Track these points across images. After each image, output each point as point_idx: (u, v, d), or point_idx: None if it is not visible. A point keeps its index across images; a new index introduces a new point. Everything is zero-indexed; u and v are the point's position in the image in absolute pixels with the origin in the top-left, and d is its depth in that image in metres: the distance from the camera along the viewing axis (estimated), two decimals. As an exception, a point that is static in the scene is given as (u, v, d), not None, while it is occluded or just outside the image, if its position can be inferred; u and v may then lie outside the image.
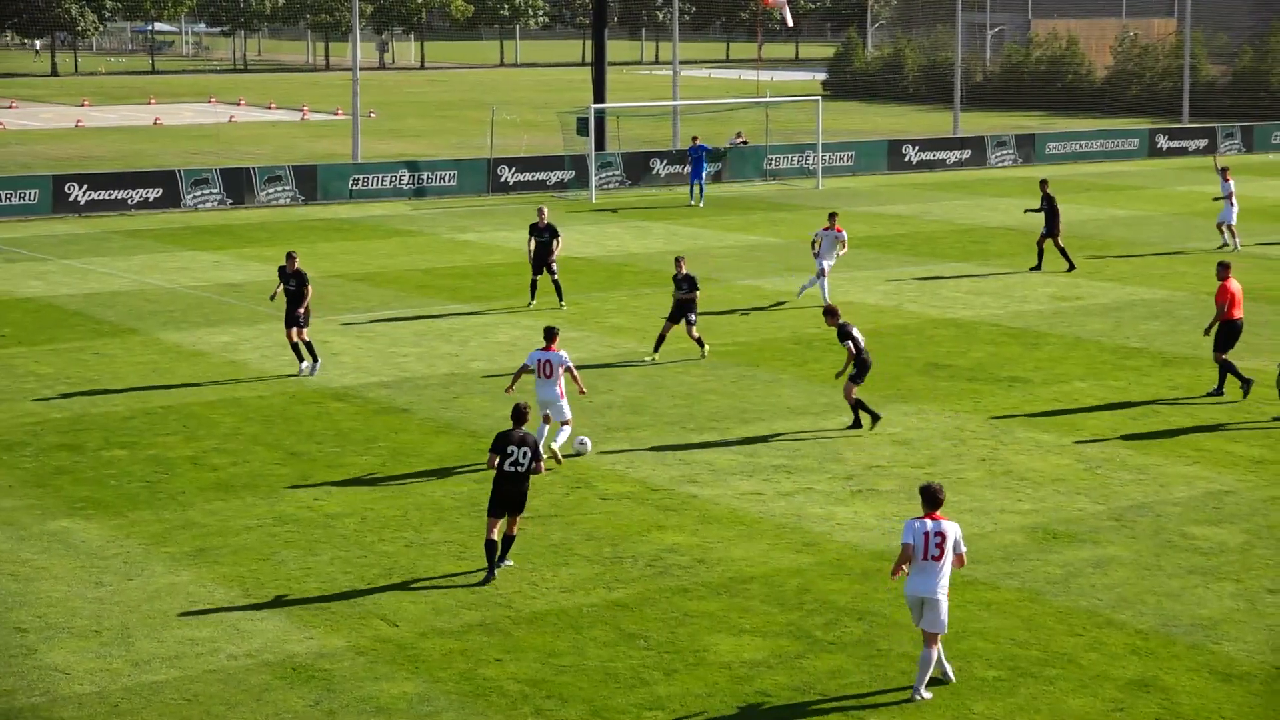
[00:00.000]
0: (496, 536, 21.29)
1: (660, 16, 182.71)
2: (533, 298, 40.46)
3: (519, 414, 21.66)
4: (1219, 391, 31.11)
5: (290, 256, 32.94)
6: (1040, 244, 45.27)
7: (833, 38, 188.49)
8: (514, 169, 64.62)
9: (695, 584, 21.19)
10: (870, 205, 60.27)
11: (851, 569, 21.75)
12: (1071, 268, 44.90)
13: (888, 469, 26.44)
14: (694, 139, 64.00)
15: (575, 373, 26.58)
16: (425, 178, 63.22)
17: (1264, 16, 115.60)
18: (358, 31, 69.12)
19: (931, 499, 17.67)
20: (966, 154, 74.72)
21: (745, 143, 71.57)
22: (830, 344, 35.64)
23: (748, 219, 56.77)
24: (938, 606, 17.56)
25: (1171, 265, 46.12)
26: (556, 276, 40.07)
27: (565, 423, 26.60)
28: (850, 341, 28.31)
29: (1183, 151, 79.82)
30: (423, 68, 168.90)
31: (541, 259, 39.69)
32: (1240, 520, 23.73)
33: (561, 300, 40.19)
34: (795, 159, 70.16)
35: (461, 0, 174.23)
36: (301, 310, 32.66)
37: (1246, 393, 30.76)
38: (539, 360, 26.29)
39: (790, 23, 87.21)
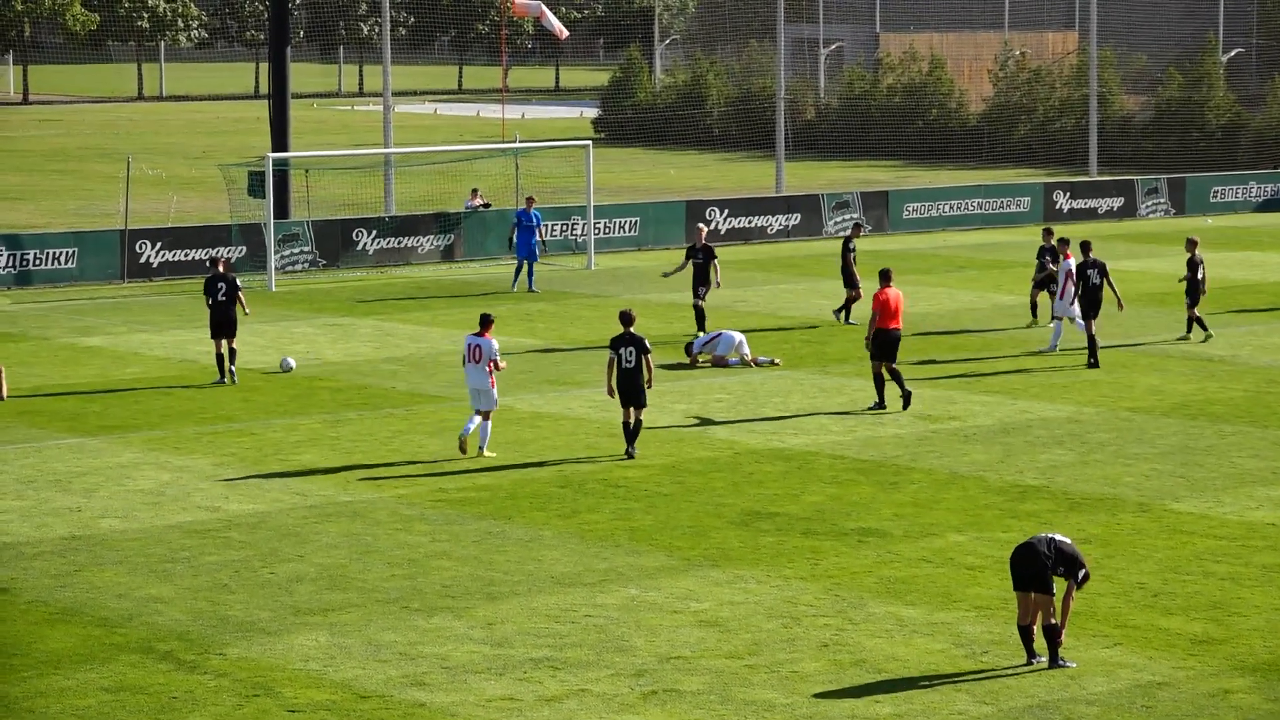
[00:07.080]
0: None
1: (365, 29, 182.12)
2: None
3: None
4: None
5: None
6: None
7: (608, 59, 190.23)
8: (160, 245, 63.98)
9: (424, 830, 21.03)
10: (663, 292, 60.44)
11: (645, 803, 21.75)
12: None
13: (693, 661, 26.49)
14: (529, 200, 63.00)
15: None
16: (32, 258, 62.37)
17: (1196, 28, 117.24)
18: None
19: None
20: (795, 219, 75.51)
21: (486, 205, 71.33)
22: (606, 486, 35.76)
23: (490, 312, 56.61)
24: None
25: (1079, 371, 46.91)
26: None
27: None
28: None
29: (1091, 214, 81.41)
30: (26, 102, 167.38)
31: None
32: (1180, 723, 24.12)
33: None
34: (558, 228, 69.38)
35: (81, 9, 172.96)
36: None
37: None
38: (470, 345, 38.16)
39: (563, 33, 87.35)
